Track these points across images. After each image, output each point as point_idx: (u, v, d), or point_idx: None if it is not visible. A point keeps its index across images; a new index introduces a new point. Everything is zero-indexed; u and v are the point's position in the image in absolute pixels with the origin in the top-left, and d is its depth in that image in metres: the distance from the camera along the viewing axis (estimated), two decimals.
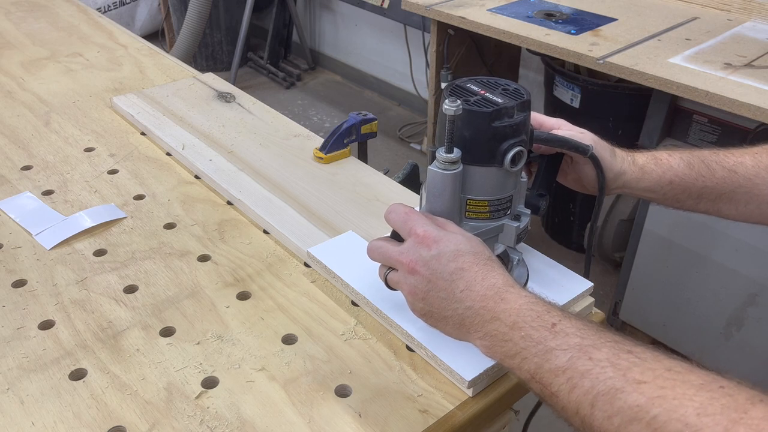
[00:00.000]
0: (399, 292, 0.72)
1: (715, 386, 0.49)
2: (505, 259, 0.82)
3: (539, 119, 0.83)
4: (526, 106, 0.72)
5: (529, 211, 0.80)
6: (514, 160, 0.72)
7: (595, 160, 0.79)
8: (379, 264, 0.74)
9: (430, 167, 0.72)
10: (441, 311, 0.66)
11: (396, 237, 0.73)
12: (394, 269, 0.71)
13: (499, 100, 0.71)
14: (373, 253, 0.74)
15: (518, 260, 0.84)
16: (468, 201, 0.75)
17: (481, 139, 0.71)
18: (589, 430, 0.53)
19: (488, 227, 0.77)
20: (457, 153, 0.71)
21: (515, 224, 0.77)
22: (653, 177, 0.82)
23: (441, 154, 0.71)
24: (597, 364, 0.54)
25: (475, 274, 0.64)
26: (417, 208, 0.76)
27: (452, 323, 0.66)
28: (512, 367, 0.61)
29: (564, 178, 0.86)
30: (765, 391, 0.48)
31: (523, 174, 0.78)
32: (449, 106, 0.67)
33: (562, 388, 0.55)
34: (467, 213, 0.76)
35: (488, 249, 0.69)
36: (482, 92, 0.73)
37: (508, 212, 0.77)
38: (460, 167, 0.72)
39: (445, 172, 0.71)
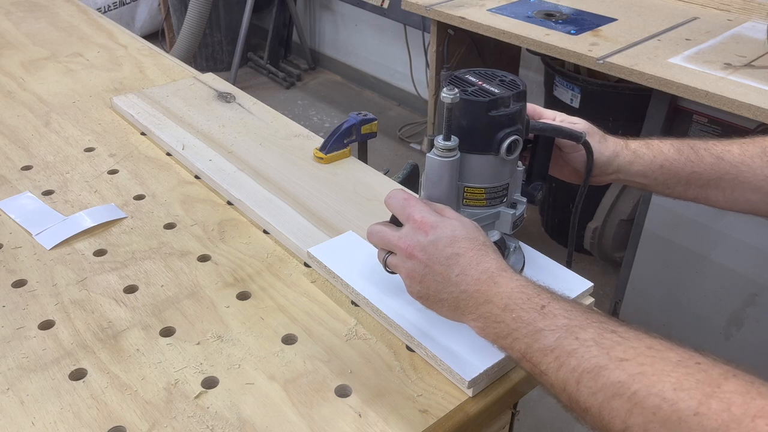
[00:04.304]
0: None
1: (692, 363, 0.52)
2: (501, 246, 0.84)
3: (537, 110, 0.86)
4: (521, 97, 0.75)
5: (525, 199, 0.82)
6: (510, 149, 0.74)
7: (587, 146, 0.82)
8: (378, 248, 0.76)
9: (428, 154, 0.75)
10: (437, 294, 0.69)
11: (395, 222, 0.76)
12: (392, 253, 0.73)
13: (496, 90, 0.74)
14: (372, 238, 0.76)
15: (515, 247, 0.87)
16: (465, 188, 0.77)
17: (478, 127, 0.73)
18: (576, 406, 0.56)
19: (485, 214, 0.79)
20: (454, 140, 0.73)
21: (511, 211, 0.79)
22: (645, 160, 0.85)
23: (439, 141, 0.73)
24: (583, 344, 0.57)
25: (470, 259, 0.67)
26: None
27: (448, 306, 0.69)
28: (504, 347, 0.64)
29: (560, 172, 0.88)
30: (739, 366, 0.51)
31: (520, 163, 0.80)
32: (447, 94, 0.70)
33: (551, 367, 0.58)
34: (464, 200, 0.78)
35: (484, 234, 0.71)
36: (480, 83, 0.75)
37: (505, 200, 0.79)
38: (458, 155, 0.74)
39: (443, 159, 0.74)
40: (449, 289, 0.67)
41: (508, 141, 0.73)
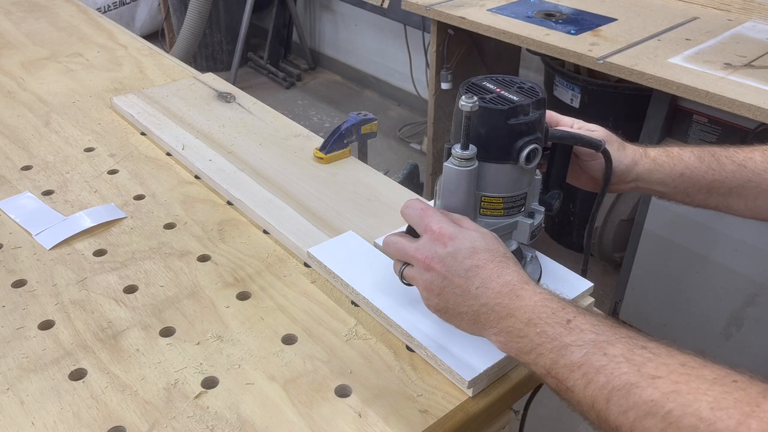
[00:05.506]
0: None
1: (728, 380, 0.50)
2: (518, 256, 0.82)
3: (555, 117, 0.84)
4: (541, 104, 0.73)
5: (542, 209, 0.81)
6: (529, 158, 0.73)
7: (607, 155, 0.80)
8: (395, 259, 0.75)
9: (445, 163, 0.73)
10: (456, 307, 0.67)
11: (411, 232, 0.74)
12: (409, 264, 0.72)
13: (515, 98, 0.72)
14: (388, 248, 0.74)
15: (531, 257, 0.85)
16: (483, 198, 0.76)
17: (497, 136, 0.72)
18: (605, 425, 0.54)
19: (502, 224, 0.77)
20: (472, 150, 0.71)
21: (529, 221, 0.78)
22: (665, 168, 0.83)
23: (457, 150, 0.71)
24: (612, 360, 0.55)
25: (490, 272, 0.65)
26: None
27: (467, 319, 0.67)
28: (528, 363, 0.62)
29: (577, 180, 0.87)
30: None
31: (538, 171, 0.79)
32: (466, 103, 0.68)
33: (578, 383, 0.56)
34: (482, 210, 0.77)
35: (503, 245, 0.69)
36: (498, 90, 0.74)
37: (522, 209, 0.78)
38: (476, 164, 0.72)
39: (461, 168, 0.72)
40: (469, 303, 0.66)
41: (527, 150, 0.71)
